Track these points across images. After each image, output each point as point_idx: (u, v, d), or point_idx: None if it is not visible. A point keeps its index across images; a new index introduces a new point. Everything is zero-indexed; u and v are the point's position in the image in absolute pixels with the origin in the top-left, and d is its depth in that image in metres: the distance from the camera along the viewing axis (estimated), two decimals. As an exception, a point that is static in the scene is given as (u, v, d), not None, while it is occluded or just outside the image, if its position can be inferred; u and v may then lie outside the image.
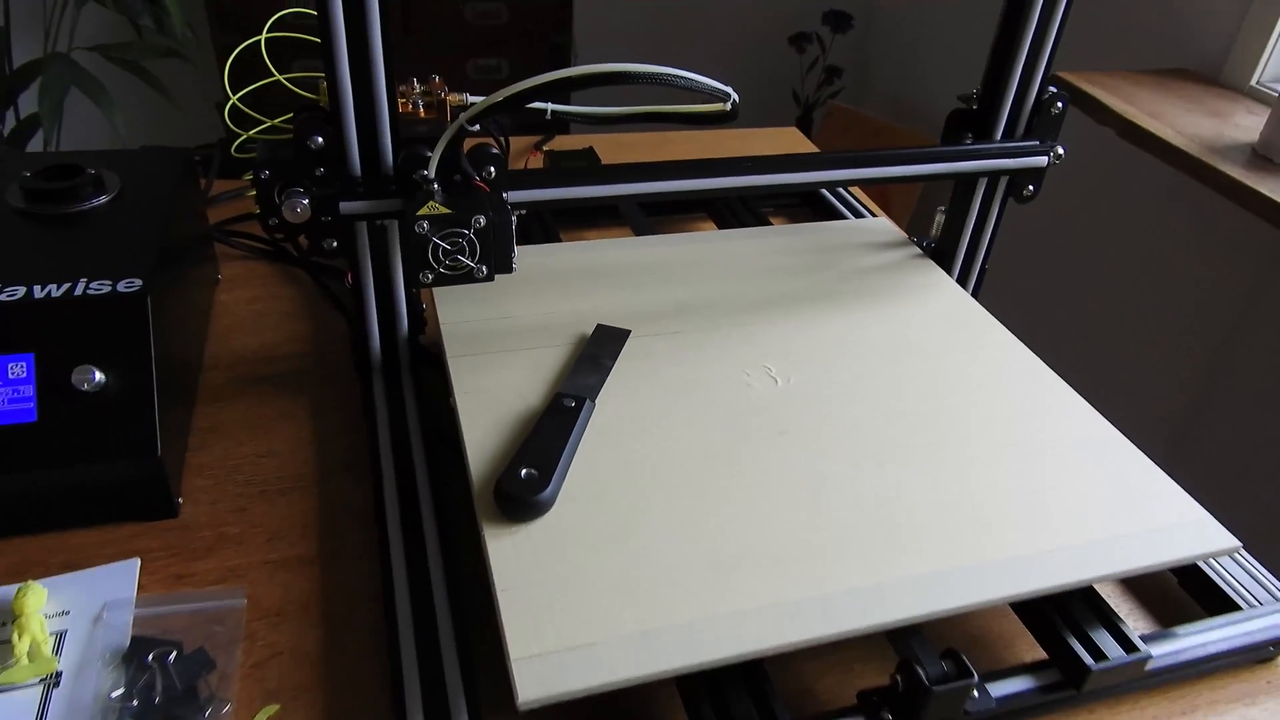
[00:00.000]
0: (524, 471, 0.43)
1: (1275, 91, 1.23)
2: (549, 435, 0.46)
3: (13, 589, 0.44)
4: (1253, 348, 1.26)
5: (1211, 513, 0.46)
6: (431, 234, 0.46)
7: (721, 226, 0.79)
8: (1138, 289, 1.43)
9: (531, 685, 0.35)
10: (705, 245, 0.68)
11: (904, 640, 0.40)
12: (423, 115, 0.53)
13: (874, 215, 0.79)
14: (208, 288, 0.68)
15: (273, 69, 0.60)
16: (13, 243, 0.52)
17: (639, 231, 0.78)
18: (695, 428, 0.49)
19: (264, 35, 0.59)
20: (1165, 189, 1.32)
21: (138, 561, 0.47)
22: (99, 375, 0.47)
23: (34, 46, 1.67)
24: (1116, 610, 0.44)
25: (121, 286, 0.49)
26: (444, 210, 0.46)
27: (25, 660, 0.41)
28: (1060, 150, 0.62)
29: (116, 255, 0.51)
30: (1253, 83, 1.24)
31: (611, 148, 0.94)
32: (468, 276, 0.48)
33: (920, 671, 0.39)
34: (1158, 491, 0.47)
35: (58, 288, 0.48)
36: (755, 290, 0.62)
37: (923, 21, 2.14)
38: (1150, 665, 0.43)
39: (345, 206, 0.49)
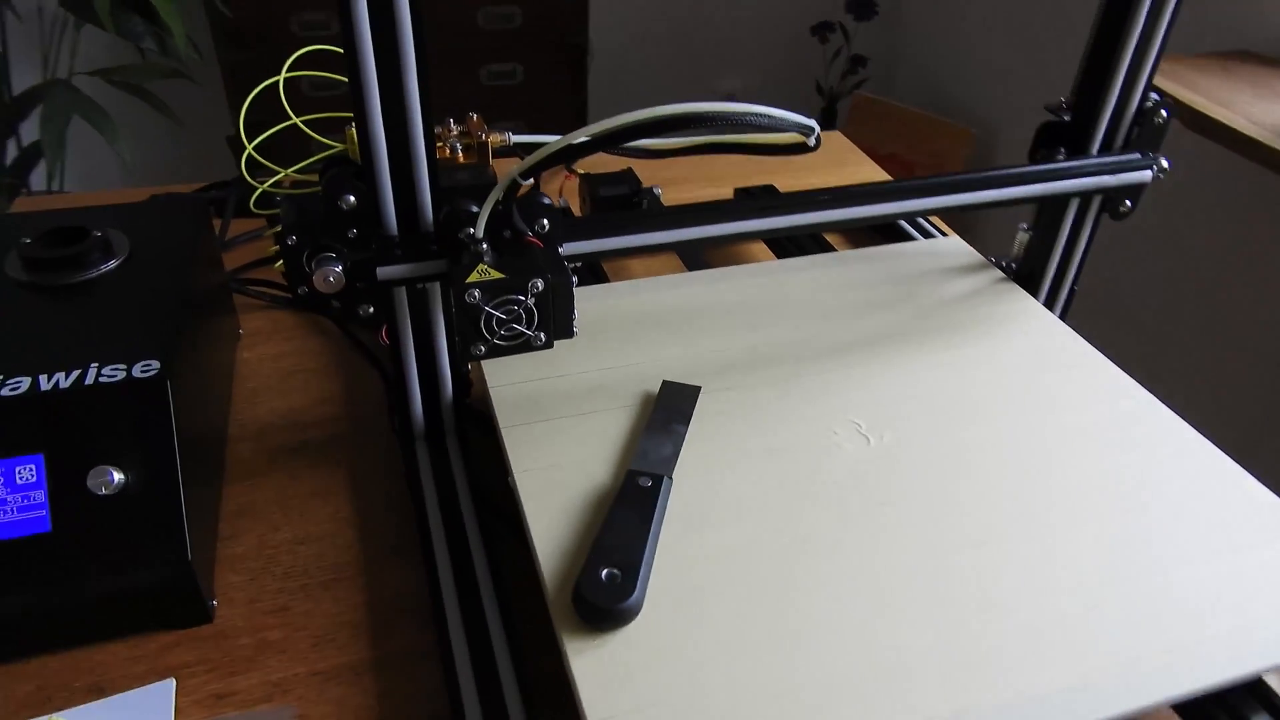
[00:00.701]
0: (605, 572, 0.38)
1: (1344, 68, 1.16)
2: (627, 525, 0.40)
3: (34, 722, 0.39)
4: None
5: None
6: (484, 303, 0.41)
7: (778, 252, 0.73)
8: (1219, 291, 1.35)
9: None
10: (767, 279, 0.62)
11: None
12: (461, 160, 0.48)
13: (943, 234, 0.73)
14: (229, 347, 0.63)
15: (290, 112, 0.54)
16: (14, 322, 0.47)
17: (688, 259, 0.72)
18: (788, 504, 0.43)
19: (283, 75, 0.54)
20: (1238, 181, 1.25)
21: (173, 684, 0.42)
22: (117, 476, 0.41)
23: (33, 72, 1.63)
24: (1289, 706, 0.39)
25: (138, 371, 0.44)
26: (497, 275, 0.41)
27: (50, 814, 0.36)
28: (1165, 163, 0.56)
29: (130, 332, 0.46)
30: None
31: (650, 165, 0.88)
32: (525, 346, 0.43)
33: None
34: (1322, 561, 0.42)
35: (66, 377, 0.43)
36: (830, 331, 0.56)
37: (952, 4, 2.07)
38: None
39: (383, 272, 0.43)
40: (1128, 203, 0.58)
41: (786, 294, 0.60)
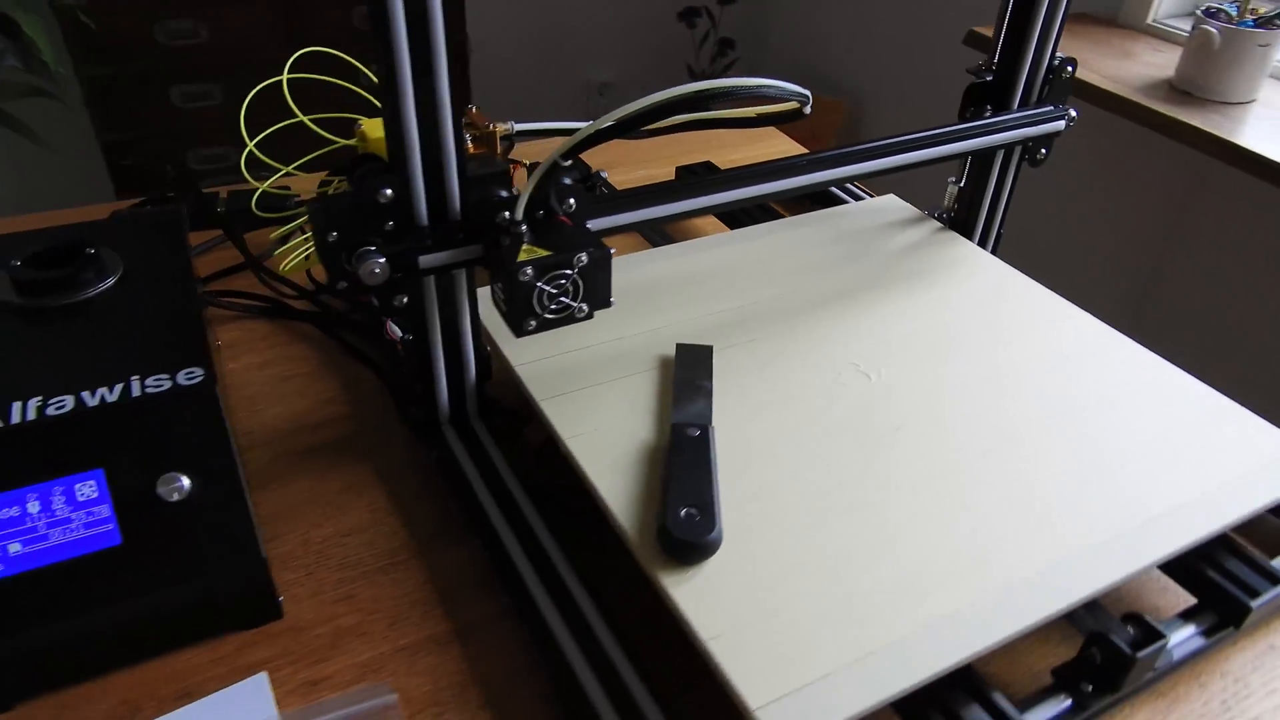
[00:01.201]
0: (684, 511, 0.41)
1: (1173, 29, 1.32)
2: (691, 470, 0.44)
3: (133, 735, 0.40)
4: (1185, 255, 1.36)
5: None
6: (536, 279, 0.43)
7: (730, 223, 0.78)
8: (1082, 223, 1.51)
9: (783, 736, 0.34)
10: (735, 247, 0.67)
11: (1088, 615, 0.41)
12: (471, 150, 0.50)
13: (868, 195, 0.80)
14: (217, 359, 0.62)
15: (296, 109, 0.55)
16: (24, 346, 0.46)
17: (649, 236, 0.76)
18: (814, 439, 0.48)
19: (285, 76, 0.54)
20: (1089, 127, 1.40)
21: (265, 676, 0.43)
22: (186, 482, 0.42)
23: None
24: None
25: (183, 379, 0.44)
26: (544, 253, 0.43)
27: (182, 813, 0.37)
28: (1074, 113, 0.64)
29: (159, 344, 0.46)
30: (1149, 21, 1.32)
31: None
32: (569, 318, 0.46)
33: (1117, 641, 0.39)
34: (1252, 427, 0.50)
35: (110, 391, 0.43)
36: (808, 288, 0.61)
37: (805, -14, 2.18)
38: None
39: (424, 260, 0.45)
40: (1043, 150, 0.66)
41: (757, 259, 0.65)
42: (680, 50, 2.35)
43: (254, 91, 0.57)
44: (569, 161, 0.43)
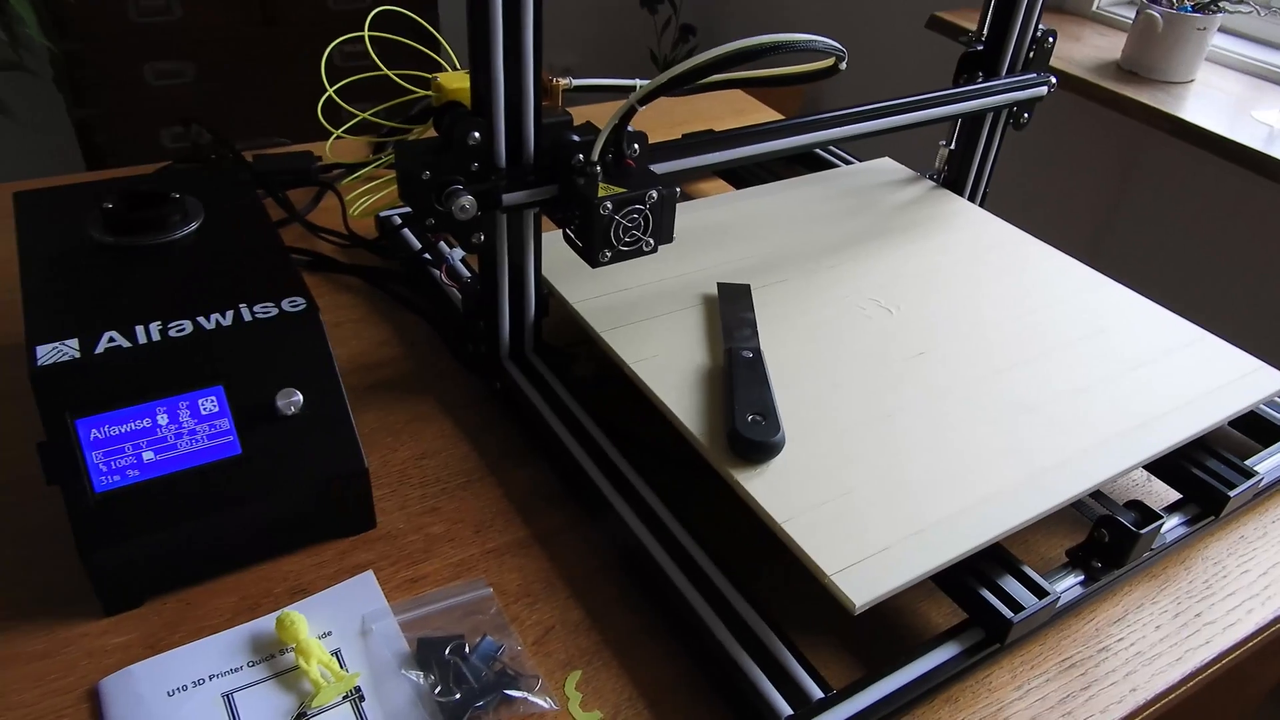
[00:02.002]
0: (750, 418, 0.47)
1: (1115, 15, 1.42)
2: (751, 384, 0.49)
3: (263, 622, 0.44)
4: (1131, 214, 1.47)
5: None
6: (614, 213, 0.48)
7: (735, 184, 0.83)
8: (1041, 187, 1.61)
9: (860, 591, 0.40)
10: (748, 203, 0.72)
11: (1096, 503, 0.48)
12: (538, 102, 0.54)
13: (856, 159, 0.87)
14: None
15: (379, 63, 0.59)
16: (126, 279, 0.49)
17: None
18: (850, 360, 0.54)
19: (365, 32, 0.58)
20: (1046, 103, 1.50)
21: (372, 574, 0.47)
22: (299, 396, 0.46)
23: None
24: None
25: (287, 306, 0.48)
26: (619, 190, 0.48)
27: (323, 683, 0.41)
28: (1054, 80, 0.71)
29: (259, 278, 0.50)
30: (1095, 8, 1.42)
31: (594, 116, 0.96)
32: (638, 251, 0.51)
33: (1124, 521, 0.46)
34: (1222, 351, 0.58)
35: (224, 317, 0.47)
36: (822, 237, 0.67)
37: (764, -26, 2.25)
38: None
39: (508, 198, 0.50)
40: (1026, 115, 0.73)
41: (770, 213, 0.71)
42: (643, 35, 2.40)
43: (333, 43, 0.61)
44: (644, 106, 0.48)
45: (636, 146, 0.51)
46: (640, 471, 0.51)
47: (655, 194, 0.49)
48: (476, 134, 0.48)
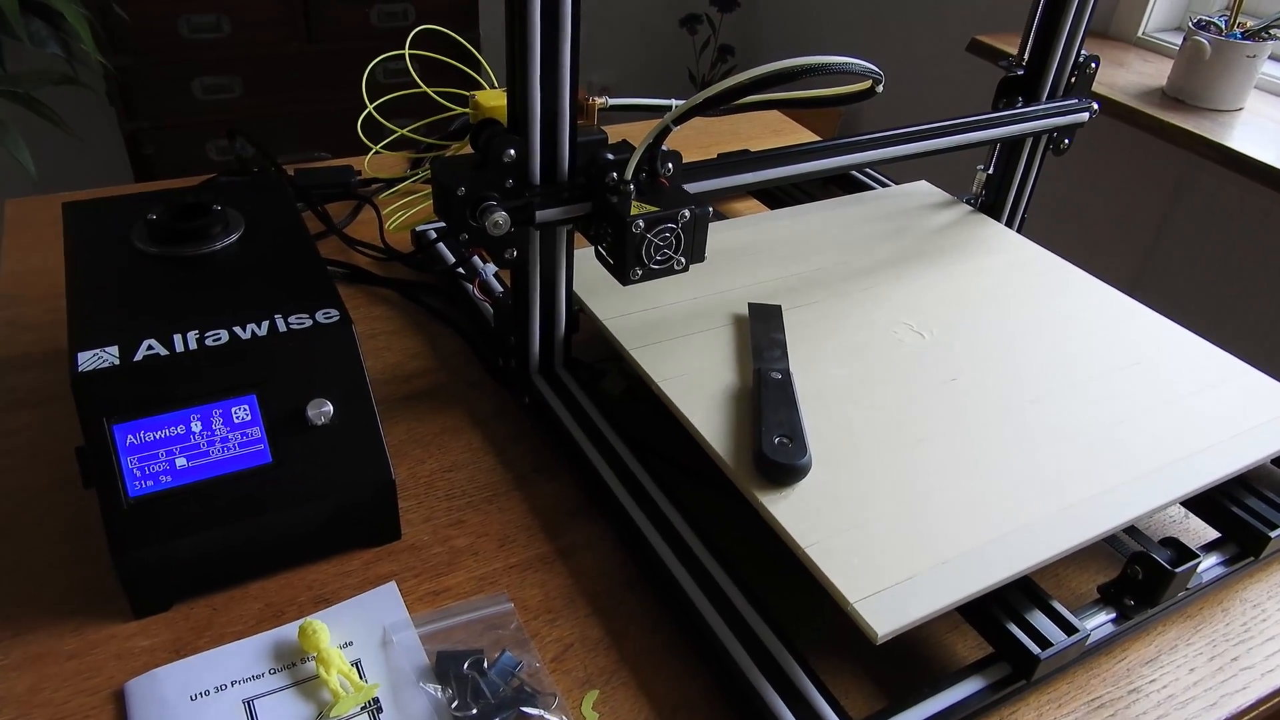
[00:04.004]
0: (777, 439, 0.47)
1: (1161, 41, 1.40)
2: (779, 405, 0.49)
3: (287, 630, 0.44)
4: (1176, 244, 1.44)
5: None
6: (646, 231, 0.48)
7: (771, 204, 0.83)
8: (1082, 214, 1.59)
9: (883, 620, 0.39)
10: (783, 223, 0.72)
11: (1130, 539, 0.47)
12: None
13: (894, 182, 0.86)
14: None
15: (419, 80, 0.60)
16: (167, 288, 0.50)
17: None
18: (881, 385, 0.54)
19: (406, 50, 0.59)
20: (1089, 129, 1.48)
21: (394, 585, 0.47)
22: (329, 407, 0.46)
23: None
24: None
25: (321, 318, 0.49)
26: (652, 209, 0.48)
27: (342, 693, 0.41)
28: (1096, 105, 0.70)
29: (294, 289, 0.51)
30: (1139, 34, 1.40)
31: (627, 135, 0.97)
32: (669, 270, 0.51)
33: (1158, 558, 0.45)
34: (1267, 386, 0.56)
35: (259, 327, 0.47)
36: (856, 259, 0.67)
37: (805, -3, 2.25)
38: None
39: (541, 215, 0.50)
40: (1067, 140, 0.72)
41: (805, 234, 0.70)
42: (682, 56, 2.42)
43: (375, 61, 0.62)
44: (678, 126, 0.48)
45: (670, 166, 0.52)
46: (665, 489, 0.51)
47: (688, 213, 0.49)
48: (512, 151, 0.49)
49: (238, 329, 0.47)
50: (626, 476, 0.52)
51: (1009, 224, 0.76)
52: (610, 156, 0.51)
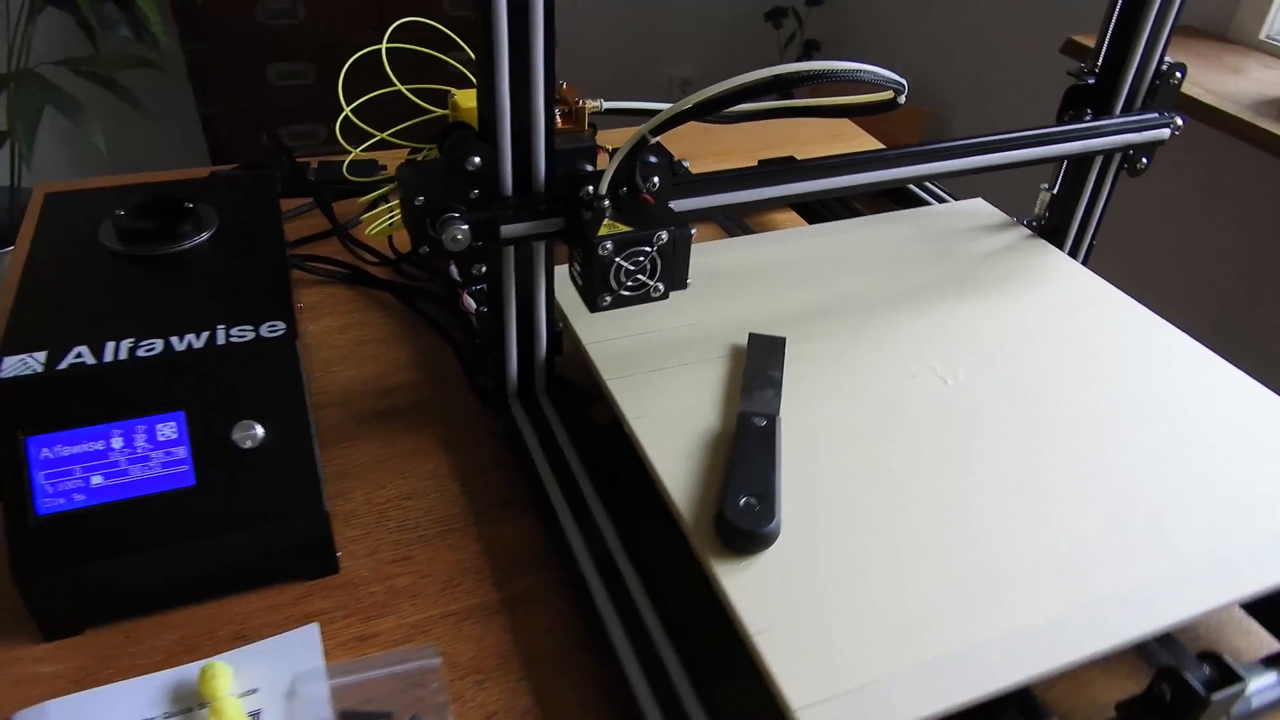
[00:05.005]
0: (743, 500, 0.41)
1: (1287, 46, 1.25)
2: (754, 459, 0.43)
3: (192, 669, 0.41)
4: (1275, 296, 1.29)
5: None
6: (615, 255, 0.43)
7: (809, 218, 0.76)
8: (1176, 241, 1.44)
9: (830, 735, 0.33)
10: (814, 241, 0.66)
11: (1161, 649, 0.39)
12: (560, 125, 0.50)
13: (953, 198, 0.78)
14: (300, 319, 0.64)
15: (394, 79, 0.56)
16: (124, 290, 0.48)
17: (727, 226, 0.76)
18: (885, 437, 0.47)
19: (384, 45, 0.55)
20: (1190, 142, 1.34)
21: (317, 627, 0.44)
22: (260, 430, 0.43)
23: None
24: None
25: (265, 331, 0.45)
26: (624, 229, 0.43)
27: (233, 750, 0.38)
28: (1180, 121, 0.61)
29: (247, 297, 0.47)
30: (1262, 37, 1.26)
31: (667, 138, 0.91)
32: (645, 296, 0.45)
33: (1190, 679, 0.37)
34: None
35: (197, 338, 0.44)
36: (887, 285, 0.60)
37: (899, -9, 2.14)
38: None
39: (506, 230, 0.46)
40: (1144, 159, 0.63)
41: (838, 253, 0.64)
42: (765, 50, 2.34)
43: (353, 58, 0.59)
44: (656, 139, 0.43)
45: (656, 180, 0.46)
46: (627, 543, 0.45)
47: (665, 235, 0.44)
48: (477, 159, 0.44)
49: (174, 339, 0.44)
50: (587, 523, 0.47)
51: (1072, 252, 0.68)
52: (589, 168, 0.46)
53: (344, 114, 0.60)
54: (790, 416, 0.48)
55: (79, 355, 0.43)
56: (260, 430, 0.43)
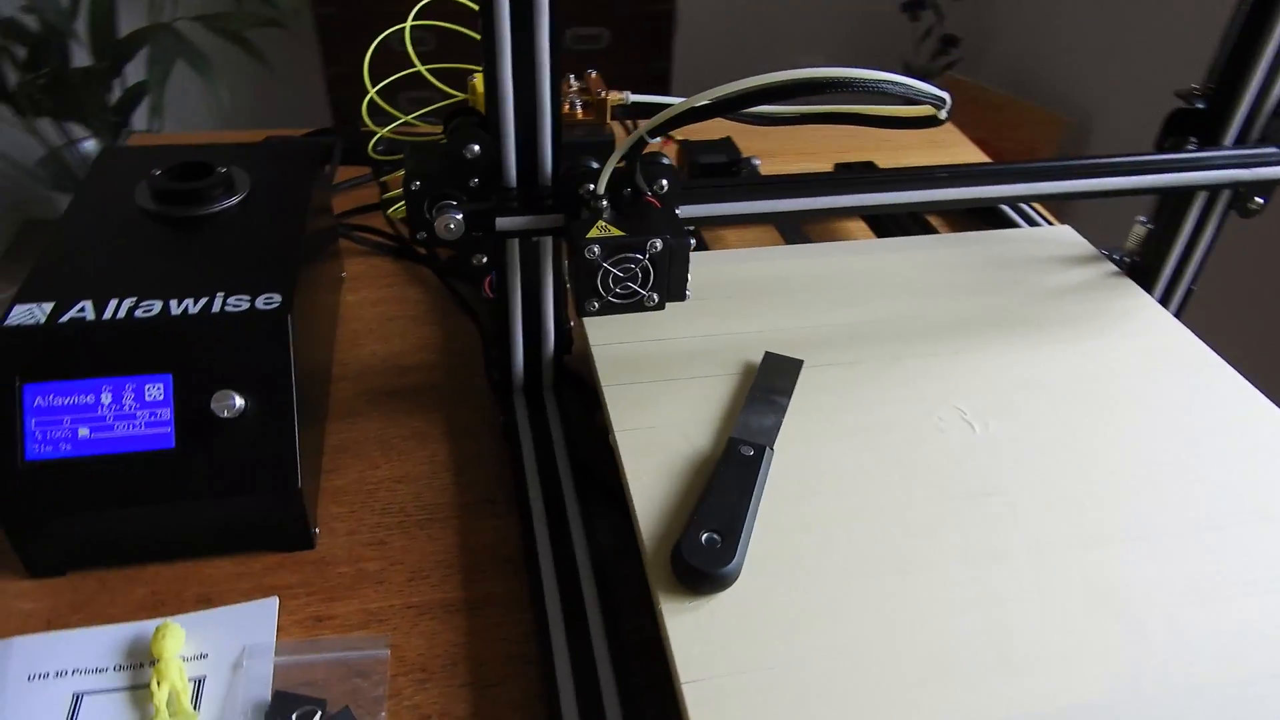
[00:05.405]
0: (705, 536, 0.38)
1: None
2: (728, 492, 0.40)
3: (150, 626, 0.42)
4: None
5: None
6: (603, 259, 0.41)
7: (878, 231, 0.71)
8: (1269, 304, 1.30)
9: (735, 810, 0.30)
10: (868, 257, 0.61)
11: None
12: (580, 116, 0.48)
13: (1049, 223, 0.71)
14: (336, 289, 0.65)
15: (415, 59, 0.55)
16: (144, 249, 0.49)
17: (786, 231, 0.72)
18: (888, 485, 0.43)
19: (409, 23, 0.54)
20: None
21: (276, 601, 0.44)
22: (239, 401, 0.43)
23: (137, 15, 1.67)
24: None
25: (260, 303, 0.45)
26: (616, 233, 0.41)
27: (165, 713, 0.38)
28: (1304, 160, 0.53)
29: (253, 266, 0.48)
30: None
31: (748, 134, 0.87)
32: (637, 305, 0.43)
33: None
34: None
35: (195, 303, 0.45)
36: (934, 312, 0.55)
37: (1054, -12, 1.99)
38: None
39: (502, 223, 0.44)
40: (1259, 200, 0.55)
41: (889, 273, 0.59)
42: (898, 44, 2.23)
43: (377, 39, 0.58)
44: (657, 139, 0.40)
45: (664, 183, 0.44)
46: (597, 561, 0.43)
47: (660, 243, 0.41)
48: (476, 147, 0.43)
49: (173, 302, 0.45)
50: (560, 533, 0.45)
51: (1163, 299, 0.60)
52: (594, 165, 0.44)
53: (369, 96, 0.59)
54: (788, 449, 0.44)
55: (81, 310, 0.44)
56: (239, 401, 0.43)
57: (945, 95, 0.41)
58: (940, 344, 0.52)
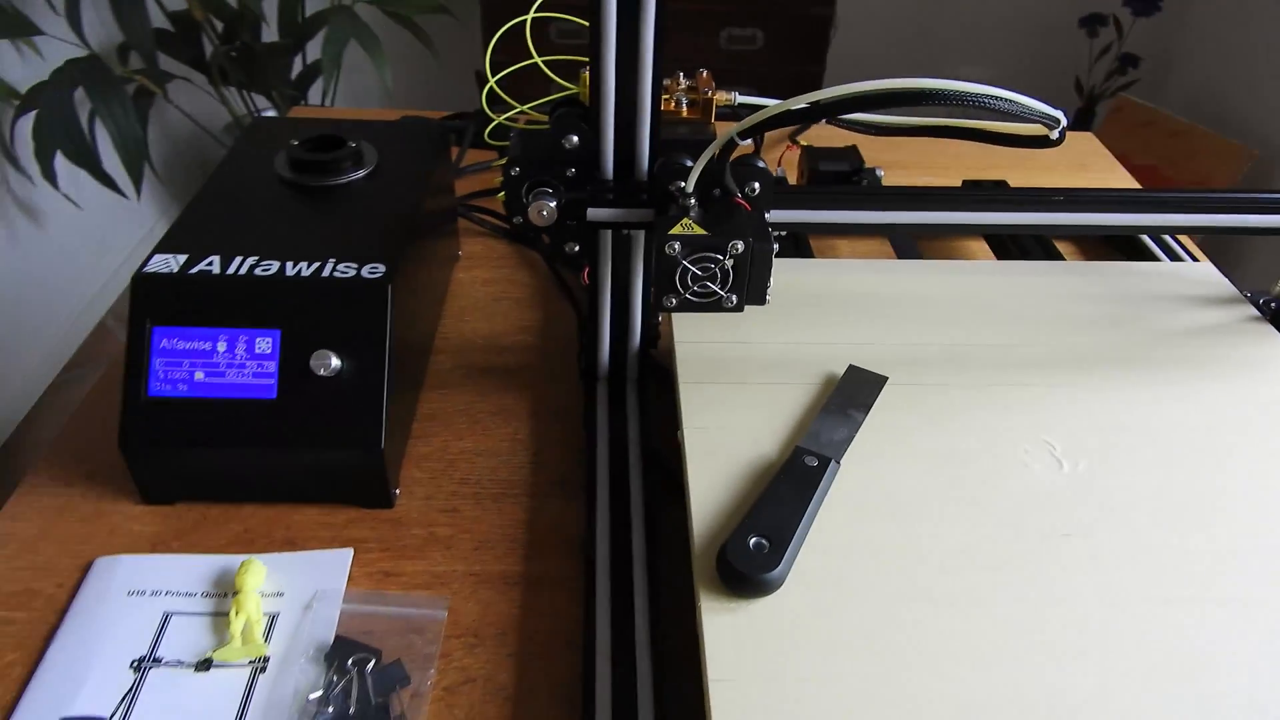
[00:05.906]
0: (753, 540, 0.38)
1: None
2: (785, 499, 0.40)
3: (237, 560, 0.45)
4: None
5: None
6: (683, 256, 0.41)
7: (999, 253, 0.68)
8: None
9: (739, 817, 0.30)
10: (982, 278, 0.59)
11: None
12: (685, 114, 0.48)
13: (1194, 259, 0.66)
14: (448, 266, 0.68)
15: (533, 51, 0.57)
16: (274, 212, 0.53)
17: (900, 246, 0.70)
18: (958, 514, 0.41)
19: (530, 15, 0.56)
20: None
21: (351, 552, 0.46)
22: (336, 361, 0.46)
23: (323, -1, 1.80)
24: None
25: (366, 272, 0.48)
26: (699, 231, 0.41)
27: (239, 640, 0.41)
28: None
29: (365, 237, 0.51)
30: None
31: (875, 146, 0.85)
32: (715, 305, 0.43)
33: None
34: None
35: (308, 266, 0.48)
36: (1041, 342, 0.52)
37: (1249, 10, 1.83)
38: None
39: (593, 213, 0.45)
40: None
41: (1000, 297, 0.56)
42: (1072, 60, 2.10)
43: (503, 29, 0.60)
44: (747, 140, 0.40)
45: (757, 186, 0.43)
46: (652, 559, 0.44)
47: (741, 245, 0.41)
48: (575, 137, 0.44)
49: (289, 264, 0.48)
50: (620, 524, 0.46)
51: (1311, 348, 0.55)
52: (687, 163, 0.44)
53: (489, 86, 0.62)
54: (856, 466, 0.43)
55: (210, 264, 0.48)
56: (335, 361, 0.46)
57: (1059, 115, 0.39)
58: (1039, 375, 0.50)
